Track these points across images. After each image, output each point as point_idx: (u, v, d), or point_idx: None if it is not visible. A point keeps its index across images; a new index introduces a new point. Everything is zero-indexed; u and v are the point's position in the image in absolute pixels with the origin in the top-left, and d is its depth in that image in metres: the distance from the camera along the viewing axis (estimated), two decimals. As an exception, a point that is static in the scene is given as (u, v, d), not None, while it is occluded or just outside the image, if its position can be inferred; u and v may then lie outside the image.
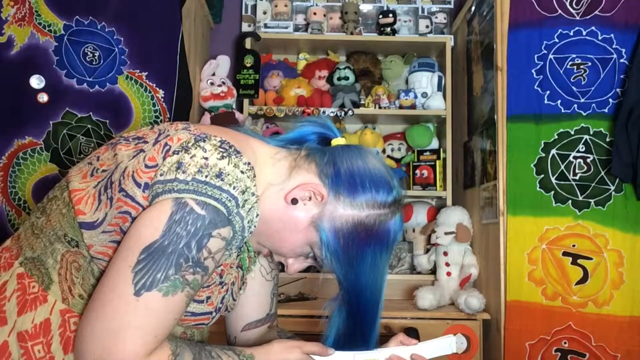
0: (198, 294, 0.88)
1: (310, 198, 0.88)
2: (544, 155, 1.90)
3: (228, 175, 0.80)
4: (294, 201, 0.88)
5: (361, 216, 0.87)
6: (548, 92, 1.92)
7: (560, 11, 1.94)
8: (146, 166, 0.81)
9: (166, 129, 0.87)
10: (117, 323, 0.73)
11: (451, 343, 1.03)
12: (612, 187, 1.84)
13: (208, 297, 0.90)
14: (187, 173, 0.78)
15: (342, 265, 0.88)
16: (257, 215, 0.85)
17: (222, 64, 2.51)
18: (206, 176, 0.79)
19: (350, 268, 0.88)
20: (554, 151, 1.90)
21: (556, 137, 1.90)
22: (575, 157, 1.88)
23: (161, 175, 0.79)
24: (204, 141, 0.82)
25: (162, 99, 1.97)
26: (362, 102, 2.55)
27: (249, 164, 0.83)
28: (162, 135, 0.85)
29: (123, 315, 0.74)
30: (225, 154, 0.81)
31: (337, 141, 0.95)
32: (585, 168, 1.87)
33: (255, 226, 0.86)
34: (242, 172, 0.81)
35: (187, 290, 0.78)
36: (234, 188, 0.80)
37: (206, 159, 0.80)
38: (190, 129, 0.86)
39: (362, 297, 0.91)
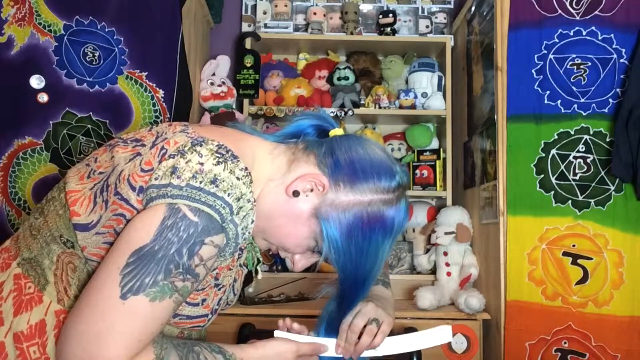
0: (193, 297, 0.87)
1: (312, 189, 0.87)
2: (544, 155, 1.90)
3: (223, 181, 0.79)
4: (295, 193, 0.87)
5: (364, 201, 0.86)
6: (548, 92, 1.92)
7: (560, 11, 1.94)
8: (142, 170, 0.80)
9: (164, 131, 0.86)
10: (101, 326, 0.72)
11: (446, 332, 1.01)
12: (612, 187, 1.84)
13: (204, 300, 0.89)
14: (181, 178, 0.77)
15: (341, 255, 0.86)
16: (252, 221, 0.84)
17: (222, 64, 2.51)
18: (200, 182, 0.77)
19: (350, 259, 0.86)
20: (554, 151, 1.90)
21: (556, 137, 1.90)
22: (575, 157, 1.88)
23: (156, 179, 0.78)
24: (201, 145, 0.81)
25: (162, 99, 1.97)
26: (362, 102, 2.55)
27: (246, 169, 0.82)
28: (159, 139, 0.84)
29: (107, 318, 0.73)
30: (221, 160, 0.80)
31: (335, 132, 0.94)
32: (585, 168, 1.87)
33: (249, 232, 0.85)
34: (237, 178, 0.80)
35: (176, 296, 0.77)
36: (228, 195, 0.79)
37: (202, 164, 0.78)
38: (188, 131, 0.85)
39: (357, 286, 0.91)
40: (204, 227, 0.77)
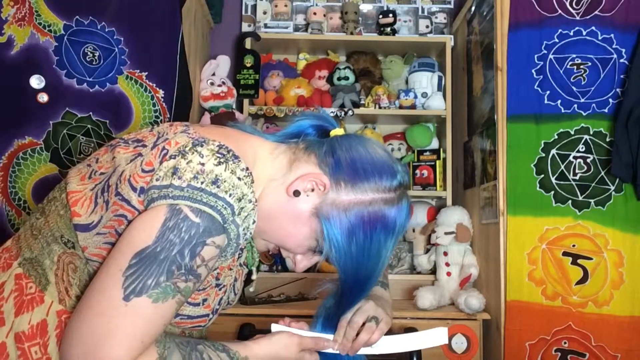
0: (193, 297, 0.87)
1: (312, 189, 0.87)
2: (544, 155, 1.90)
3: (224, 182, 0.78)
4: (296, 193, 0.87)
5: (365, 201, 0.86)
6: (548, 92, 1.92)
7: (560, 11, 1.94)
8: (143, 170, 0.80)
9: (165, 132, 0.86)
10: (104, 327, 0.72)
11: (442, 334, 1.02)
12: (612, 187, 1.84)
13: (204, 300, 0.89)
14: (182, 179, 0.77)
15: (342, 255, 0.86)
16: (254, 222, 0.84)
17: (222, 64, 2.51)
18: (202, 183, 0.77)
19: (351, 259, 0.86)
20: (554, 151, 1.90)
21: (556, 137, 1.90)
22: (575, 157, 1.88)
23: (157, 180, 0.78)
24: (202, 146, 0.80)
25: (162, 99, 1.97)
26: (362, 102, 2.55)
27: (247, 169, 0.82)
28: (160, 139, 0.84)
29: (110, 319, 0.73)
30: (222, 160, 0.80)
31: (336, 132, 0.94)
32: (585, 168, 1.87)
33: (251, 233, 0.85)
34: (239, 178, 0.80)
35: (178, 297, 0.77)
36: (230, 195, 0.79)
37: (202, 164, 0.78)
38: (189, 131, 0.85)
39: (359, 286, 0.91)
40: (206, 228, 0.77)
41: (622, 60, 1.87)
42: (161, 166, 0.79)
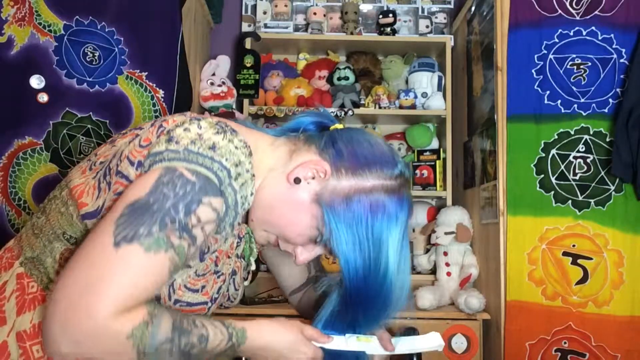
0: (193, 283, 0.86)
1: (313, 177, 0.87)
2: (544, 155, 1.90)
3: (221, 148, 0.79)
4: (297, 180, 0.86)
5: (366, 187, 0.85)
6: (548, 92, 1.92)
7: (560, 11, 1.94)
8: (140, 146, 0.80)
9: (164, 118, 0.87)
10: (92, 274, 0.69)
11: (436, 338, 1.02)
12: (612, 187, 1.84)
13: (203, 286, 0.88)
14: (179, 144, 0.77)
15: (342, 243, 0.84)
16: (252, 193, 0.84)
17: (222, 64, 2.51)
18: (198, 148, 0.78)
19: (353, 248, 0.84)
20: (554, 151, 1.90)
21: (556, 137, 1.90)
22: (575, 157, 1.88)
23: (153, 149, 0.78)
24: (200, 120, 0.82)
25: (162, 99, 1.97)
26: (362, 102, 2.55)
27: (244, 141, 0.82)
28: (158, 121, 0.85)
29: (99, 266, 0.69)
30: (220, 131, 0.81)
31: (336, 126, 0.95)
32: (585, 168, 1.87)
33: (249, 204, 0.85)
34: (236, 147, 0.81)
35: (172, 253, 0.74)
36: (226, 160, 0.79)
37: (200, 134, 0.79)
38: (187, 114, 0.87)
39: (364, 285, 0.87)
40: (202, 187, 0.76)
41: (622, 60, 1.87)
42: (158, 139, 0.79)
